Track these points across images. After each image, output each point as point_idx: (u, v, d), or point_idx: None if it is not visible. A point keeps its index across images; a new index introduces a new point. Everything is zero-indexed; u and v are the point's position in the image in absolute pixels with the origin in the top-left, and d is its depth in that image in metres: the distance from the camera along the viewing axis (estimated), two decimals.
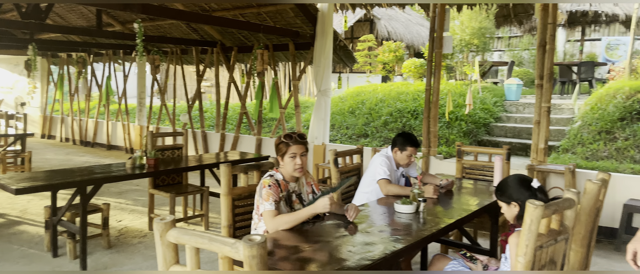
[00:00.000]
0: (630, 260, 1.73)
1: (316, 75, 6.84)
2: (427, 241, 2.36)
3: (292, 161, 2.53)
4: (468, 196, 3.31)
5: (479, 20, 9.65)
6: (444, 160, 5.87)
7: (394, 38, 13.48)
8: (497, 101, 8.58)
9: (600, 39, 12.62)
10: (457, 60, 10.20)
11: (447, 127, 7.61)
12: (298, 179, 2.66)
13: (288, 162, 2.53)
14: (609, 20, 11.74)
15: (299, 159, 2.54)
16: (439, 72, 5.86)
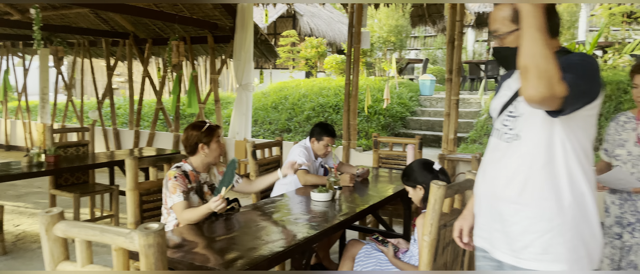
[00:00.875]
0: (456, 237, 1.74)
1: (237, 69, 6.70)
2: (341, 227, 2.38)
3: (219, 146, 2.50)
4: (383, 183, 3.41)
5: (395, 18, 10.02)
6: (364, 152, 6.02)
7: (316, 34, 13.61)
8: (413, 96, 8.97)
9: None
10: (376, 57, 10.53)
11: (367, 121, 7.82)
12: (210, 169, 2.58)
13: (214, 149, 2.49)
14: None
15: (222, 145, 2.53)
16: (358, 67, 6.00)
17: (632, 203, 2.32)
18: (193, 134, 2.48)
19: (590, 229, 1.41)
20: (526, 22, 1.24)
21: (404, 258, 2.39)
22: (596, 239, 1.43)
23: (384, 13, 10.05)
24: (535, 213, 1.42)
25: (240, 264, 1.75)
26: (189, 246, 1.99)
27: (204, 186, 2.54)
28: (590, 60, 1.38)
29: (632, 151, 2.30)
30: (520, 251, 1.44)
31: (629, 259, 2.27)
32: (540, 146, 1.41)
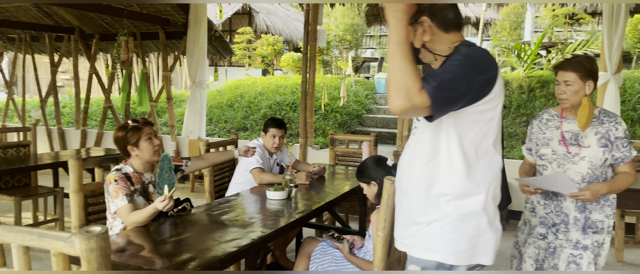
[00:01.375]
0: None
1: (190, 66, 6.54)
2: (296, 225, 2.37)
3: (150, 143, 2.36)
4: (339, 180, 3.43)
5: (351, 17, 10.10)
6: (321, 150, 6.04)
7: (272, 32, 13.51)
8: (369, 94, 9.08)
9: None
10: (332, 56, 10.58)
11: (324, 119, 7.84)
12: (153, 167, 2.48)
13: (146, 147, 2.35)
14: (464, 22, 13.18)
15: (155, 140, 2.39)
16: (314, 65, 6.00)
17: (558, 204, 2.21)
18: (119, 136, 2.36)
19: (477, 225, 1.44)
20: (389, 37, 1.29)
21: (359, 254, 2.40)
22: (484, 235, 1.45)
23: (340, 12, 10.11)
24: (416, 206, 1.49)
25: (192, 266, 1.69)
26: (135, 249, 1.91)
27: (149, 186, 2.44)
28: (469, 60, 1.36)
29: (557, 150, 2.18)
30: (405, 239, 1.55)
31: (552, 262, 2.19)
32: (426, 143, 1.47)
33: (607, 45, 4.64)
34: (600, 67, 4.90)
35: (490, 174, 1.46)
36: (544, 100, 6.55)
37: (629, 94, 6.42)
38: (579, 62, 2.09)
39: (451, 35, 1.48)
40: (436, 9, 1.46)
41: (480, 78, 1.36)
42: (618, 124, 2.12)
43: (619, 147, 2.11)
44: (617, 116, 2.15)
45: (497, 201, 1.53)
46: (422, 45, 1.51)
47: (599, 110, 2.16)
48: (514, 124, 6.41)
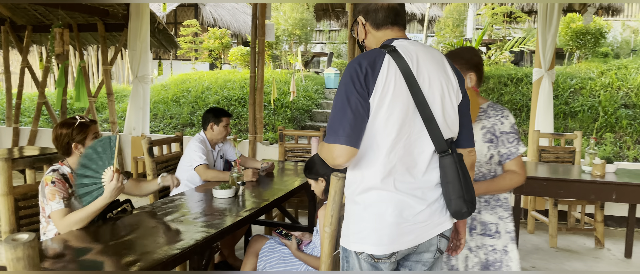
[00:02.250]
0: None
1: (132, 60, 6.27)
2: (244, 223, 2.33)
3: None
4: (289, 176, 3.41)
5: (300, 12, 10.07)
6: (270, 145, 5.99)
7: (220, 25, 13.22)
8: (319, 89, 9.11)
9: None
10: (282, 50, 10.51)
11: (273, 114, 7.79)
12: None
13: None
14: (409, 19, 13.48)
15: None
16: (263, 60, 5.93)
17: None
18: (63, 132, 2.22)
19: (381, 221, 1.45)
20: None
21: (307, 250, 2.40)
22: (389, 230, 1.45)
23: (289, 6, 10.05)
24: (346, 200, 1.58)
25: (135, 270, 1.63)
26: (73, 253, 1.81)
27: None
28: (344, 75, 1.44)
29: None
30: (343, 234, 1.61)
31: (450, 263, 2.03)
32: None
33: (541, 42, 4.90)
34: (535, 63, 5.17)
35: (396, 174, 1.47)
36: (484, 94, 6.83)
37: (561, 89, 6.83)
38: (457, 54, 1.97)
39: (379, 32, 1.57)
40: (370, 9, 1.56)
41: (358, 81, 1.40)
42: (504, 118, 1.94)
43: (504, 142, 1.93)
44: (504, 110, 1.98)
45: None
46: (361, 42, 1.63)
47: (487, 103, 2.00)
48: None
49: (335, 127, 1.39)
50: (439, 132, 1.44)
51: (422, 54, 1.49)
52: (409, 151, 1.44)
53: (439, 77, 1.49)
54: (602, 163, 3.51)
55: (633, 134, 5.92)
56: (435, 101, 1.46)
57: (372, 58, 1.42)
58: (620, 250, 4.07)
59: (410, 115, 1.42)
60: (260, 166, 3.42)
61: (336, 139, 1.38)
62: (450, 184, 1.45)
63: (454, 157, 1.45)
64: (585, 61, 8.23)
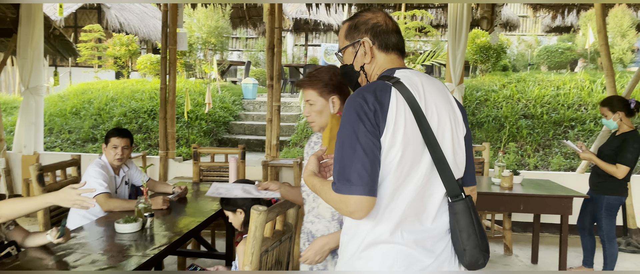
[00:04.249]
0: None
1: (22, 69, 5.57)
2: (151, 264, 2.06)
3: None
4: (204, 201, 3.15)
5: (215, 19, 9.71)
6: (184, 162, 5.62)
7: (127, 30, 12.35)
8: (236, 100, 8.82)
9: (320, 45, 14.56)
10: (195, 59, 10.05)
11: (187, 127, 7.37)
12: None
13: None
14: (326, 29, 13.63)
15: None
16: (175, 70, 5.56)
17: None
18: None
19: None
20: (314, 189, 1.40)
21: None
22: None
23: (203, 13, 9.65)
24: None
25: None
26: None
27: None
28: (346, 112, 1.26)
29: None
30: None
31: None
32: None
33: (451, 58, 5.11)
34: (446, 78, 5.39)
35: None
36: None
37: (468, 100, 7.23)
38: (315, 76, 1.78)
39: (388, 59, 1.41)
40: (379, 30, 1.39)
41: (367, 119, 1.23)
42: None
43: None
44: None
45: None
46: (361, 68, 1.43)
47: None
48: None
49: (347, 173, 1.20)
50: (451, 173, 1.30)
51: (427, 85, 1.34)
52: (420, 196, 1.29)
53: (447, 111, 1.35)
54: (510, 175, 3.69)
55: (532, 143, 6.41)
56: (445, 138, 1.32)
57: (378, 92, 1.26)
58: (527, 256, 4.32)
59: (419, 155, 1.27)
60: (172, 190, 3.13)
61: (351, 187, 1.19)
62: (464, 233, 1.30)
63: (468, 202, 1.31)
64: (488, 74, 8.82)
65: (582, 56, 9.67)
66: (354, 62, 1.42)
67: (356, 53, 1.40)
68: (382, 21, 1.39)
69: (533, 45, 13.01)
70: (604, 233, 3.54)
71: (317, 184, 1.34)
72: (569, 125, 6.59)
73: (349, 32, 1.42)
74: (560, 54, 10.06)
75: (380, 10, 1.44)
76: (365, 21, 1.39)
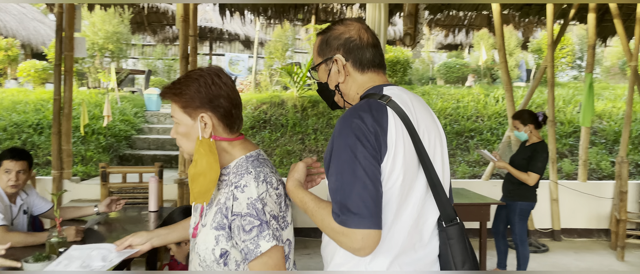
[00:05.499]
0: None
1: None
2: None
3: None
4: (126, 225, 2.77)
5: (113, 24, 8.93)
6: (82, 182, 5.01)
7: (4, 34, 10.85)
8: (138, 112, 8.15)
9: (224, 55, 14.16)
10: (89, 66, 9.12)
11: (82, 143, 6.61)
12: None
13: None
14: (232, 39, 13.31)
15: None
16: (71, 79, 4.94)
17: None
18: None
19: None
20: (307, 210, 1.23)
21: None
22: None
23: (100, 16, 8.81)
24: None
25: None
26: None
27: None
28: (341, 134, 1.15)
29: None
30: None
31: None
32: None
33: None
34: None
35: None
36: (315, 119, 7.03)
37: None
38: (178, 86, 1.26)
39: (364, 76, 1.29)
40: (352, 46, 1.27)
41: (368, 143, 1.11)
42: (240, 189, 1.20)
43: (239, 231, 1.19)
44: (250, 171, 1.22)
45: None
46: (335, 87, 1.31)
47: (246, 155, 1.28)
48: (291, 142, 6.67)
49: (351, 204, 1.07)
50: (445, 197, 1.21)
51: (416, 104, 1.26)
52: (416, 223, 1.20)
53: (434, 130, 1.27)
54: None
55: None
56: (436, 159, 1.24)
57: (375, 113, 1.14)
58: None
59: (415, 178, 1.18)
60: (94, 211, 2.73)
61: (358, 221, 1.06)
62: (457, 258, 1.21)
63: (462, 227, 1.23)
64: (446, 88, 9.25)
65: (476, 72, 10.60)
66: (328, 80, 1.32)
67: (330, 71, 1.30)
68: (356, 35, 1.27)
69: (425, 60, 13.99)
70: (518, 236, 3.81)
71: (309, 203, 1.19)
72: (469, 135, 7.12)
73: (321, 48, 1.31)
74: (457, 69, 10.92)
75: (355, 22, 1.32)
76: (337, 36, 1.28)
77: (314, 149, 6.53)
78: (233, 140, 1.27)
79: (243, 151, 1.28)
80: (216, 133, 1.25)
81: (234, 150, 1.28)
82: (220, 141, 1.26)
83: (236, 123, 1.28)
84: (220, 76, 1.25)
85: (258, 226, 1.16)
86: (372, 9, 4.78)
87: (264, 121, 7.10)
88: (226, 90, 1.25)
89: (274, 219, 1.18)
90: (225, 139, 1.26)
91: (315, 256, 4.55)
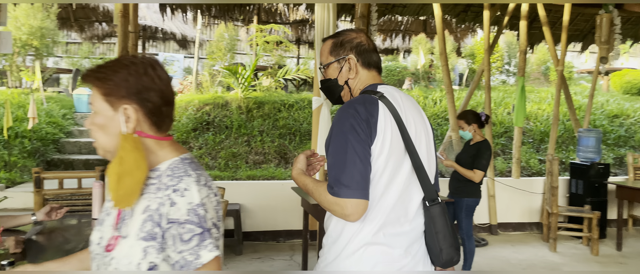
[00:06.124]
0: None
1: None
2: None
3: None
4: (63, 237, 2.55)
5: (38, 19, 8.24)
6: (7, 190, 4.57)
7: None
8: (67, 113, 7.58)
9: (158, 55, 13.57)
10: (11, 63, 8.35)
11: (5, 147, 6.03)
12: None
13: None
14: (167, 38, 12.78)
15: None
16: None
17: None
18: None
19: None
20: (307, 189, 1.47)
21: None
22: None
23: (24, 11, 8.10)
24: None
25: None
26: None
27: None
28: (338, 124, 1.37)
29: (104, 235, 1.26)
30: None
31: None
32: None
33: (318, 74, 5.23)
34: (315, 92, 5.49)
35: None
36: (261, 120, 6.93)
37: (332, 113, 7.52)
38: (103, 71, 1.12)
39: (370, 75, 1.54)
40: (362, 49, 1.52)
41: (360, 128, 1.34)
42: (179, 194, 1.07)
43: (175, 241, 1.06)
44: (189, 173, 1.11)
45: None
46: (345, 82, 1.54)
47: (178, 158, 1.14)
48: (237, 144, 6.52)
49: (343, 178, 1.31)
50: (428, 180, 1.43)
51: (405, 100, 1.49)
52: (401, 200, 1.40)
53: (421, 123, 1.49)
54: None
55: None
56: (422, 147, 1.46)
57: (368, 105, 1.38)
58: None
59: (401, 162, 1.40)
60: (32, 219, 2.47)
61: (349, 192, 1.30)
62: (440, 234, 1.42)
63: (443, 206, 1.44)
64: None
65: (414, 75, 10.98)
66: (338, 76, 1.53)
67: (341, 68, 1.52)
68: (365, 41, 1.53)
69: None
70: (464, 231, 3.98)
71: (309, 184, 1.44)
72: None
73: (334, 49, 1.53)
74: (398, 72, 11.26)
75: (362, 31, 1.59)
76: (350, 40, 1.52)
77: (260, 150, 6.43)
78: (162, 139, 1.15)
79: (175, 153, 1.16)
80: (140, 129, 1.12)
81: (163, 151, 1.15)
82: (147, 139, 1.13)
83: (165, 122, 1.16)
84: (156, 67, 1.13)
85: (199, 235, 1.04)
86: (320, 10, 4.79)
87: (207, 122, 6.89)
88: (159, 84, 1.12)
89: (215, 227, 1.09)
90: (153, 137, 1.13)
91: (267, 260, 4.47)
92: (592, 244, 4.81)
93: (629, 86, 10.41)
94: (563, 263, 4.56)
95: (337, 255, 1.38)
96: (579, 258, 4.69)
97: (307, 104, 7.35)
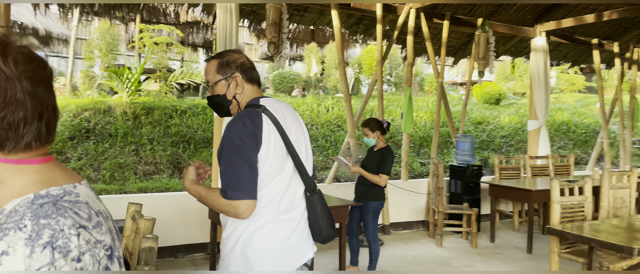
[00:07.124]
0: None
1: None
2: None
3: None
4: None
5: None
6: None
7: None
8: None
9: None
10: None
11: None
12: None
13: None
14: (26, 34, 11.23)
15: None
16: None
17: None
18: None
19: (266, 250, 1.77)
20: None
21: None
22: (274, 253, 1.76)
23: None
24: None
25: None
26: None
27: None
28: (226, 134, 1.57)
29: None
30: None
31: None
32: None
33: None
34: None
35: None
36: (150, 127, 6.46)
37: None
38: None
39: (253, 90, 1.74)
40: (245, 67, 1.73)
41: (247, 139, 1.55)
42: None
43: None
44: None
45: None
46: (234, 97, 1.72)
47: (22, 200, 0.73)
48: (123, 154, 5.98)
49: (235, 183, 1.53)
50: (307, 175, 1.71)
51: (285, 110, 1.73)
52: (288, 193, 1.66)
53: (299, 128, 1.76)
54: None
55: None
56: (301, 149, 1.72)
57: (253, 118, 1.59)
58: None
59: (284, 163, 1.64)
60: None
61: (240, 194, 1.52)
62: (319, 217, 1.70)
63: (320, 194, 1.74)
64: (281, 96, 9.14)
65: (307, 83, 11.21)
66: (227, 92, 1.71)
67: (229, 85, 1.71)
68: (247, 60, 1.76)
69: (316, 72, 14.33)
70: (370, 233, 4.17)
71: (203, 191, 1.64)
72: None
73: (221, 68, 1.71)
74: (291, 79, 11.38)
75: (241, 52, 1.80)
76: (234, 60, 1.72)
77: (151, 160, 5.98)
78: (15, 163, 0.74)
79: (34, 186, 0.74)
80: None
81: (14, 182, 0.74)
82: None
83: (11, 137, 0.73)
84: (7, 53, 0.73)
85: None
86: (223, 13, 4.65)
87: (87, 130, 6.20)
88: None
89: None
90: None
91: None
92: (472, 238, 5.40)
93: (488, 96, 11.95)
94: (450, 257, 5.03)
95: (235, 242, 1.61)
96: (462, 251, 5.22)
97: (201, 110, 7.06)
